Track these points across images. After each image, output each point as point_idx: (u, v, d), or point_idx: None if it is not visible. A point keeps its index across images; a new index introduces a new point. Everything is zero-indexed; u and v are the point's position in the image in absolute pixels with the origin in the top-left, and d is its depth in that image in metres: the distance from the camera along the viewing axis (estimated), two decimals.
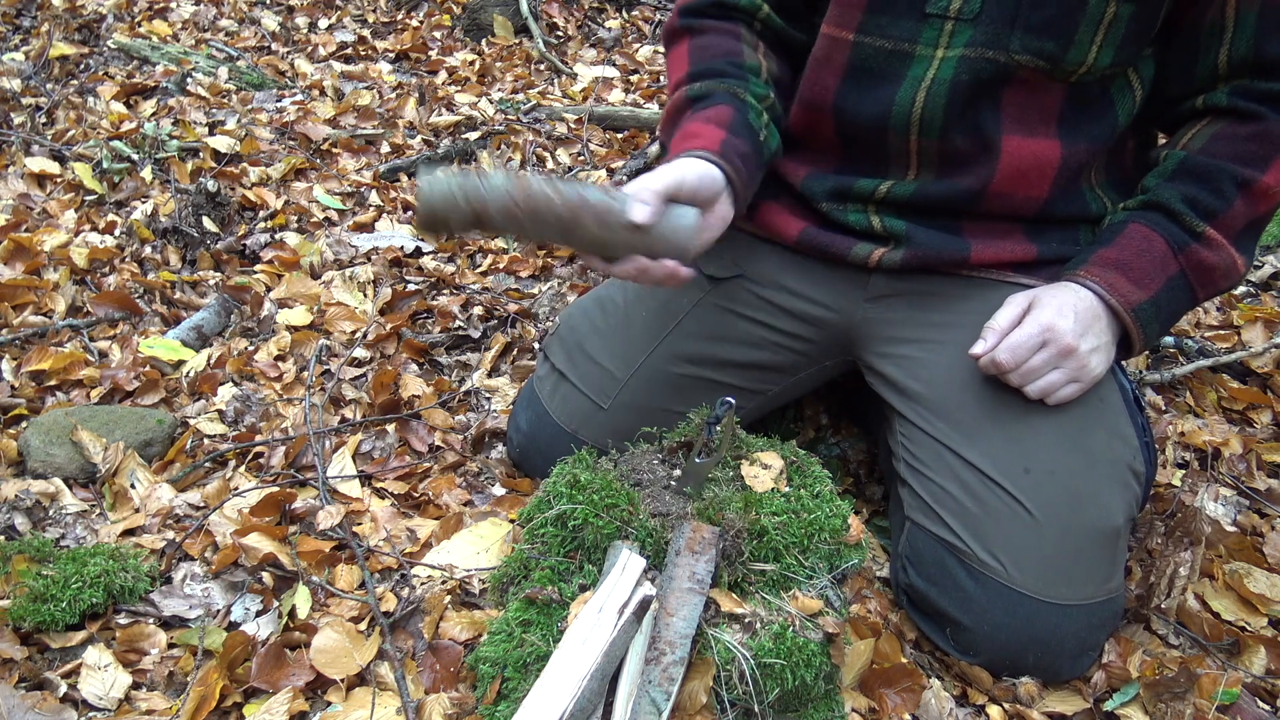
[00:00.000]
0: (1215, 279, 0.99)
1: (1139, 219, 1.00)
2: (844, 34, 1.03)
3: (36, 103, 2.47)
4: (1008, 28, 0.95)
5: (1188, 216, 0.97)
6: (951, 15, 0.97)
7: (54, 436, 1.26)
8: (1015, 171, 1.02)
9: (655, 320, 1.18)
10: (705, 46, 1.11)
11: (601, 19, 3.47)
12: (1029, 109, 1.00)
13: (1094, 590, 0.96)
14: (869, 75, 1.03)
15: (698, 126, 1.03)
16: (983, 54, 0.97)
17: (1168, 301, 0.99)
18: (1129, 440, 1.01)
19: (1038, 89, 0.99)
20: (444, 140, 2.45)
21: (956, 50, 0.97)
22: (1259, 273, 1.95)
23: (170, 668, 0.99)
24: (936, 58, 0.98)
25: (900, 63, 1.00)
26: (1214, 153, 0.97)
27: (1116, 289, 0.97)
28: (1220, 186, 0.96)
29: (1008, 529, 0.96)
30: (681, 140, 1.02)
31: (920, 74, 0.99)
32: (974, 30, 0.96)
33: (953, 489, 1.00)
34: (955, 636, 1.01)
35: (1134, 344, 1.01)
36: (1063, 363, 0.96)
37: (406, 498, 1.28)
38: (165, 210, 1.94)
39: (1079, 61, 0.96)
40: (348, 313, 1.69)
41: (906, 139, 1.03)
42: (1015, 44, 0.95)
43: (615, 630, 0.80)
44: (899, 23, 1.00)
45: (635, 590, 0.84)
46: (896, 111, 1.01)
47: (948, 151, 1.02)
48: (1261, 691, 1.02)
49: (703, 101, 1.06)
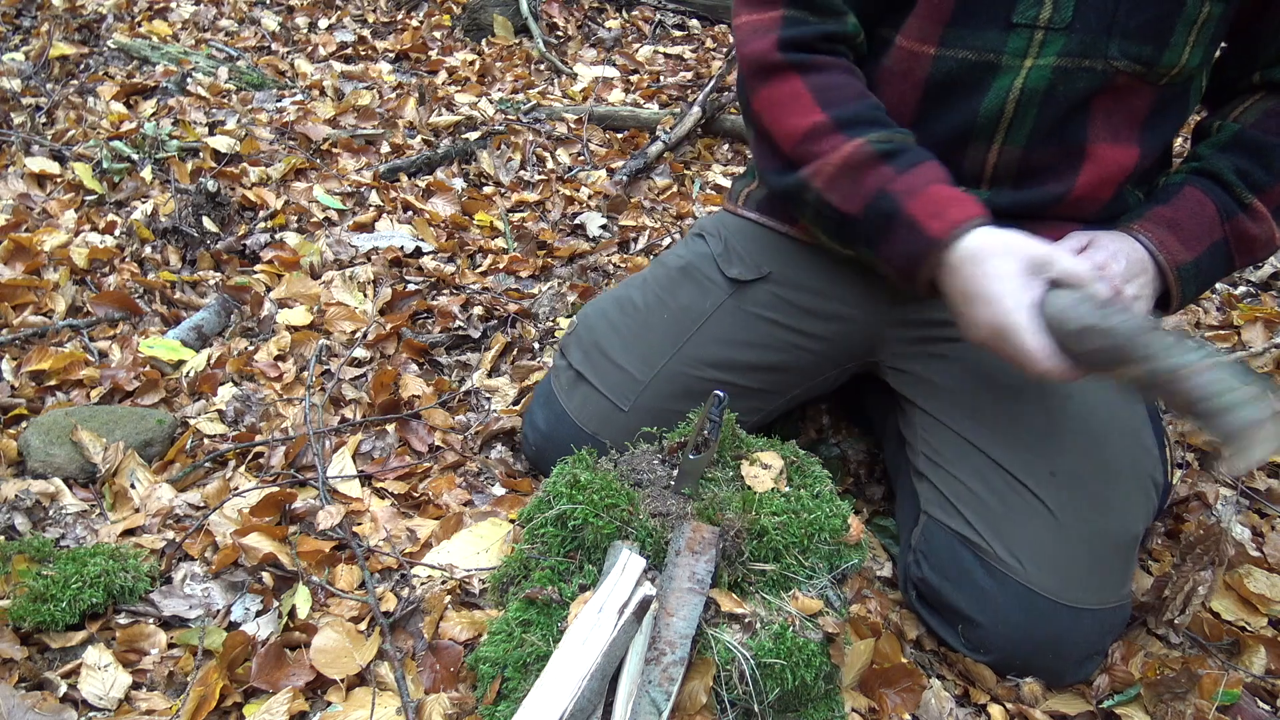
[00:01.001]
0: (1254, 249, 1.02)
1: (1194, 183, 1.02)
2: (925, 48, 1.00)
3: (36, 103, 2.47)
4: (1104, 34, 0.93)
5: (1238, 187, 0.99)
6: (1041, 25, 0.94)
7: (54, 436, 1.26)
8: (1097, 180, 1.02)
9: (676, 323, 1.17)
10: (833, 86, 1.01)
11: (601, 19, 3.47)
12: (1116, 115, 1.00)
13: (1108, 596, 0.97)
14: (951, 88, 1.00)
15: (947, 190, 0.95)
16: (1079, 63, 0.95)
17: (1208, 265, 1.01)
18: (1151, 450, 1.02)
19: (1128, 94, 0.98)
20: (444, 140, 2.45)
21: (1049, 59, 0.95)
22: (1259, 273, 1.95)
23: (170, 668, 0.98)
24: (1025, 67, 0.96)
25: (985, 74, 0.98)
26: (1266, 129, 1.00)
27: (1166, 246, 0.99)
28: (1270, 161, 0.99)
29: (1030, 529, 0.96)
30: (939, 205, 0.93)
31: (1007, 84, 0.97)
32: (1067, 39, 0.94)
33: (975, 485, 1.00)
34: (966, 633, 1.01)
35: (1172, 301, 1.02)
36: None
37: (406, 498, 1.28)
38: (165, 210, 1.94)
39: (1174, 64, 0.95)
40: (348, 313, 1.69)
41: (988, 150, 1.01)
42: (1114, 50, 0.94)
43: (615, 630, 0.80)
44: (983, 34, 0.97)
45: (635, 590, 0.84)
46: (982, 121, 0.99)
47: (1030, 161, 1.02)
48: (1261, 691, 1.02)
49: (904, 156, 0.97)
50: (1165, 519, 1.26)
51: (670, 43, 3.33)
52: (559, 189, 2.27)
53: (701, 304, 1.17)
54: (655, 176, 2.40)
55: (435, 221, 2.08)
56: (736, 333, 1.16)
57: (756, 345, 1.16)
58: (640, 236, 2.08)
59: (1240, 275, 1.96)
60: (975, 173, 1.04)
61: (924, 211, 0.93)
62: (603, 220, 2.13)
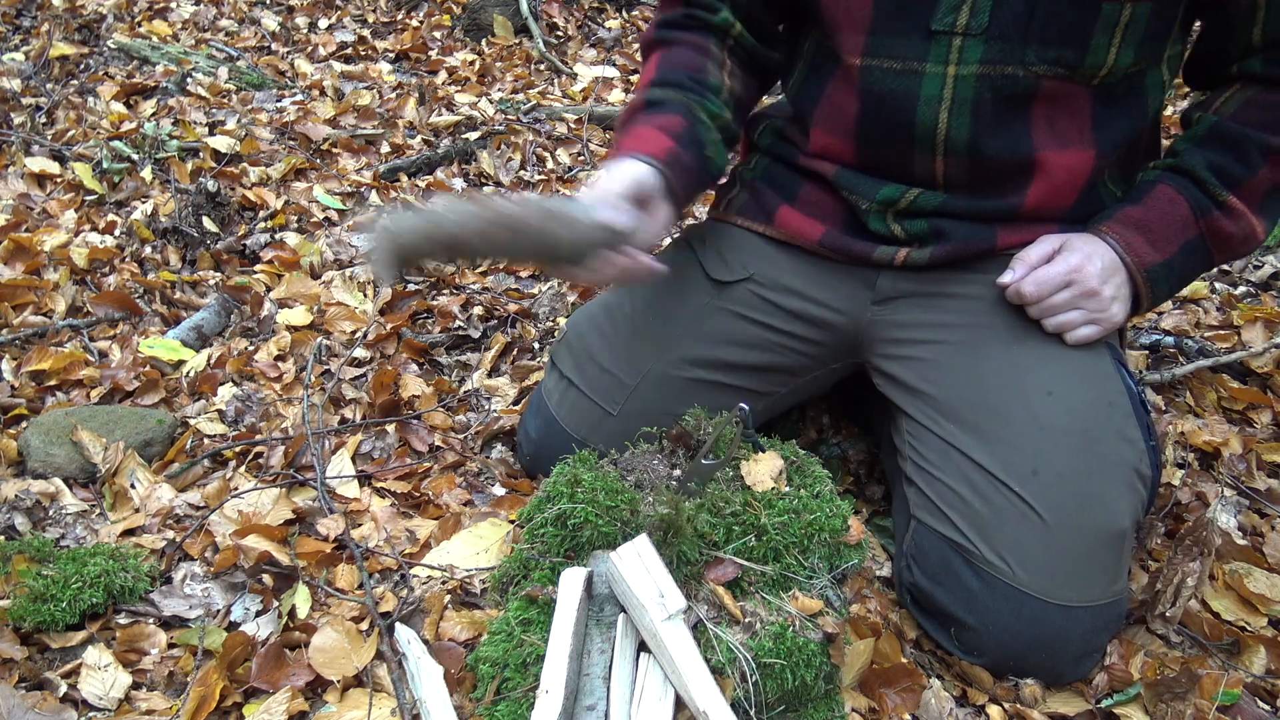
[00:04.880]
0: (1233, 245, 1.02)
1: (1167, 180, 1.01)
2: (853, 59, 1.03)
3: (36, 103, 2.47)
4: (1020, 40, 0.94)
5: (1211, 184, 0.98)
6: (959, 31, 0.95)
7: (54, 436, 1.26)
8: (1050, 189, 1.02)
9: (662, 325, 1.18)
10: (672, 59, 1.13)
11: (601, 19, 3.47)
12: (1059, 120, 1.00)
13: (1099, 593, 0.96)
14: (883, 100, 1.02)
15: (648, 131, 1.05)
16: (1001, 70, 0.95)
17: (1181, 264, 1.01)
18: (1136, 443, 1.01)
19: (1064, 98, 0.98)
20: (444, 140, 2.45)
21: (972, 68, 0.96)
22: (1259, 273, 1.95)
23: (170, 668, 0.98)
24: (949, 75, 0.97)
25: (912, 83, 0.99)
26: (1244, 120, 0.99)
27: (1133, 248, 0.99)
28: (1247, 154, 0.98)
29: (1015, 530, 0.96)
30: (631, 140, 1.05)
31: (934, 93, 0.98)
32: (985, 46, 0.95)
33: (961, 489, 1.00)
34: (959, 636, 1.01)
35: (1142, 302, 1.03)
36: (1084, 303, 0.99)
37: (406, 498, 1.28)
38: (165, 210, 1.94)
39: (1099, 65, 0.95)
40: (348, 313, 1.69)
41: (933, 160, 1.02)
42: (1031, 55, 0.94)
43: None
44: (905, 42, 0.98)
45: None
46: (920, 133, 1.00)
47: (979, 171, 1.02)
48: (1261, 691, 1.02)
49: (657, 107, 1.09)
50: (1165, 519, 1.25)
51: None
52: (559, 189, 2.27)
53: (687, 306, 1.18)
54: None
55: None
56: (721, 333, 1.16)
57: (741, 345, 1.16)
58: None
59: (1240, 275, 1.96)
60: (928, 178, 1.05)
61: (625, 144, 1.05)
62: None
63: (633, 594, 0.84)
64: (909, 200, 1.06)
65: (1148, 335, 1.69)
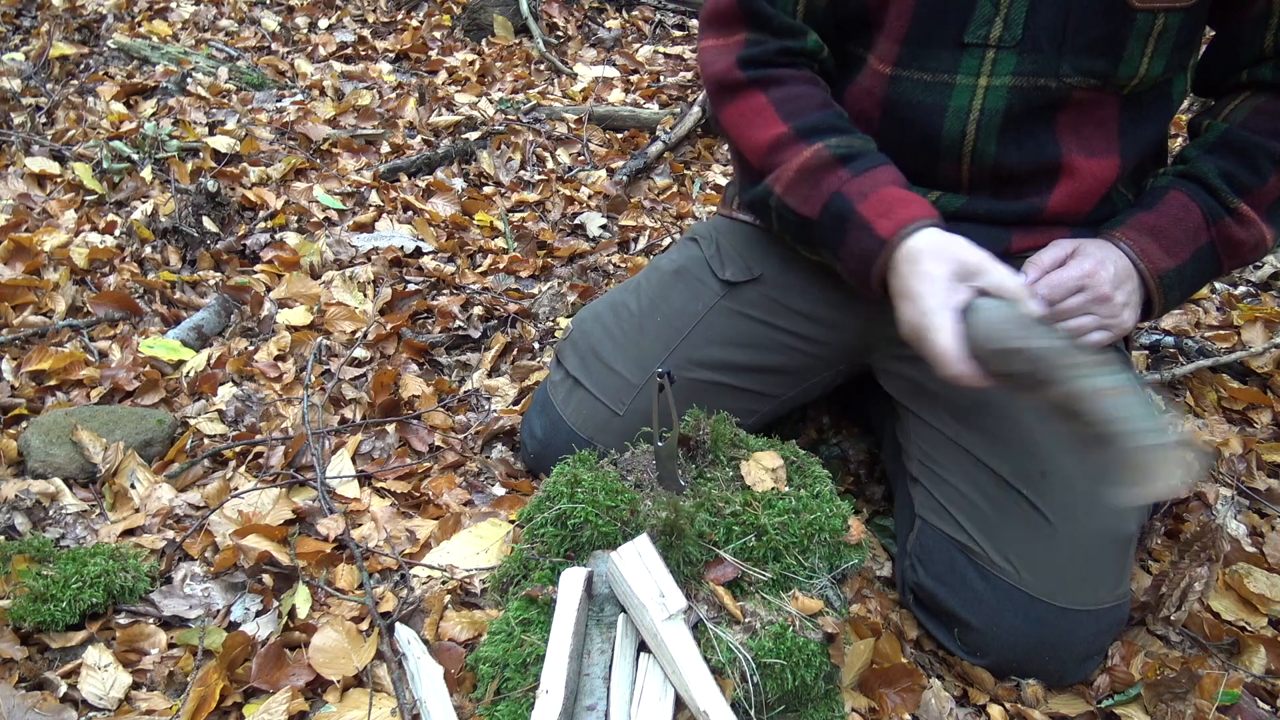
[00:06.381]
0: (1243, 252, 1.01)
1: (1179, 186, 1.01)
2: (883, 68, 1.02)
3: (36, 103, 2.47)
4: (1055, 52, 0.93)
5: (1223, 191, 0.98)
6: (992, 44, 0.95)
7: (54, 436, 1.26)
8: (1075, 193, 1.02)
9: (670, 326, 1.17)
10: (795, 98, 1.03)
11: (601, 19, 3.47)
12: (1086, 128, 1.00)
13: (1104, 596, 0.96)
14: (909, 109, 1.01)
15: (897, 193, 0.96)
16: (1034, 81, 0.95)
17: (1193, 271, 1.01)
18: None
19: (1092, 106, 0.98)
20: (444, 140, 2.45)
21: (1004, 79, 0.96)
22: (1259, 273, 1.95)
23: (170, 668, 0.98)
24: (980, 87, 0.97)
25: (941, 95, 0.99)
26: (1254, 128, 0.98)
27: (1148, 254, 0.99)
28: (1257, 162, 0.98)
29: (1022, 532, 0.96)
30: (888, 206, 0.94)
31: (963, 104, 0.98)
32: (1019, 58, 0.94)
33: (967, 490, 1.00)
34: (962, 637, 1.01)
35: (1154, 308, 1.02)
36: (1097, 309, 0.98)
37: (406, 498, 1.28)
38: (165, 210, 1.94)
39: (1131, 75, 0.95)
40: (348, 313, 1.69)
41: (959, 167, 1.02)
42: (1065, 67, 0.94)
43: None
44: (937, 53, 0.98)
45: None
46: (946, 144, 1.00)
47: (1004, 173, 1.02)
48: (1261, 691, 1.02)
49: (859, 161, 0.98)
50: (1165, 519, 1.26)
51: (670, 43, 3.33)
52: (559, 189, 2.27)
53: (694, 306, 1.17)
54: (655, 176, 2.40)
55: (435, 221, 2.08)
56: (729, 333, 1.16)
57: (748, 346, 1.16)
58: (640, 236, 2.08)
59: (1240, 275, 1.96)
60: (951, 182, 1.04)
61: (874, 212, 0.94)
62: (603, 220, 2.13)
63: (633, 594, 0.84)
64: (930, 202, 1.05)
65: (1148, 335, 1.69)
